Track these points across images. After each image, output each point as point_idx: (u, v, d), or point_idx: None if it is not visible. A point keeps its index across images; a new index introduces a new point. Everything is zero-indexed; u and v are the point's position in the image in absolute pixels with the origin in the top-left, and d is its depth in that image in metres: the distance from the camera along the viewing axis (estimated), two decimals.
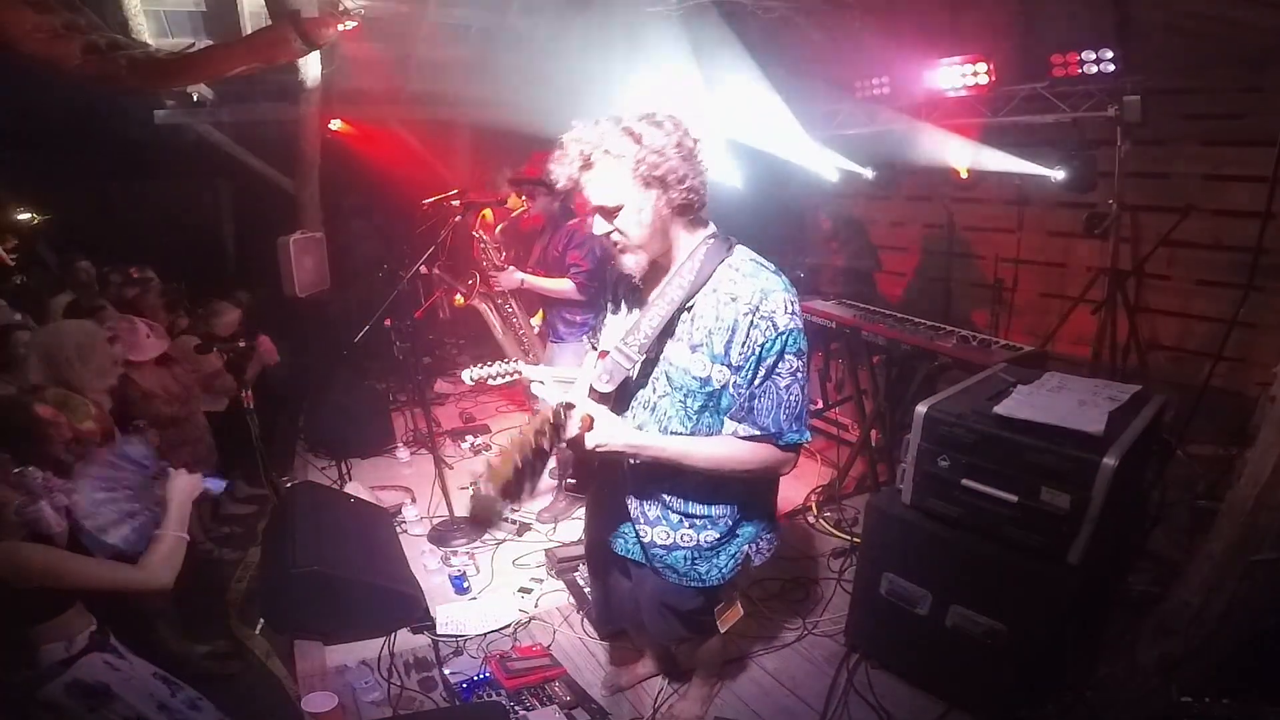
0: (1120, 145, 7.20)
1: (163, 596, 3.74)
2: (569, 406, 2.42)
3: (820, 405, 7.50)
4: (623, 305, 3.12)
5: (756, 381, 2.70)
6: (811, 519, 6.19)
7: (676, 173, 2.60)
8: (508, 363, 4.43)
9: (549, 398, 3.37)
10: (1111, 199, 7.40)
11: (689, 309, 2.76)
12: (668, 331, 2.78)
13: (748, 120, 10.19)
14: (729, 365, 2.71)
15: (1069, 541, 3.47)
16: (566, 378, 3.68)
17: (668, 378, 2.83)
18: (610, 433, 2.61)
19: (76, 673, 2.99)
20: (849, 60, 9.20)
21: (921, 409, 4.02)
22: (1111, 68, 6.94)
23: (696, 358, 2.74)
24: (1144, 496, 4.48)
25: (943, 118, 8.64)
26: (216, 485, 3.71)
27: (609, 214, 2.68)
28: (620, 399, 2.92)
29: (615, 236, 2.72)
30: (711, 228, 2.85)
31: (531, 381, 3.58)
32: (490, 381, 4.43)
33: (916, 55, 8.38)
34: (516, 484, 2.06)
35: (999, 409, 3.79)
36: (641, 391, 2.92)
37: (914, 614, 4.07)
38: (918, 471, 4.05)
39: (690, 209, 2.72)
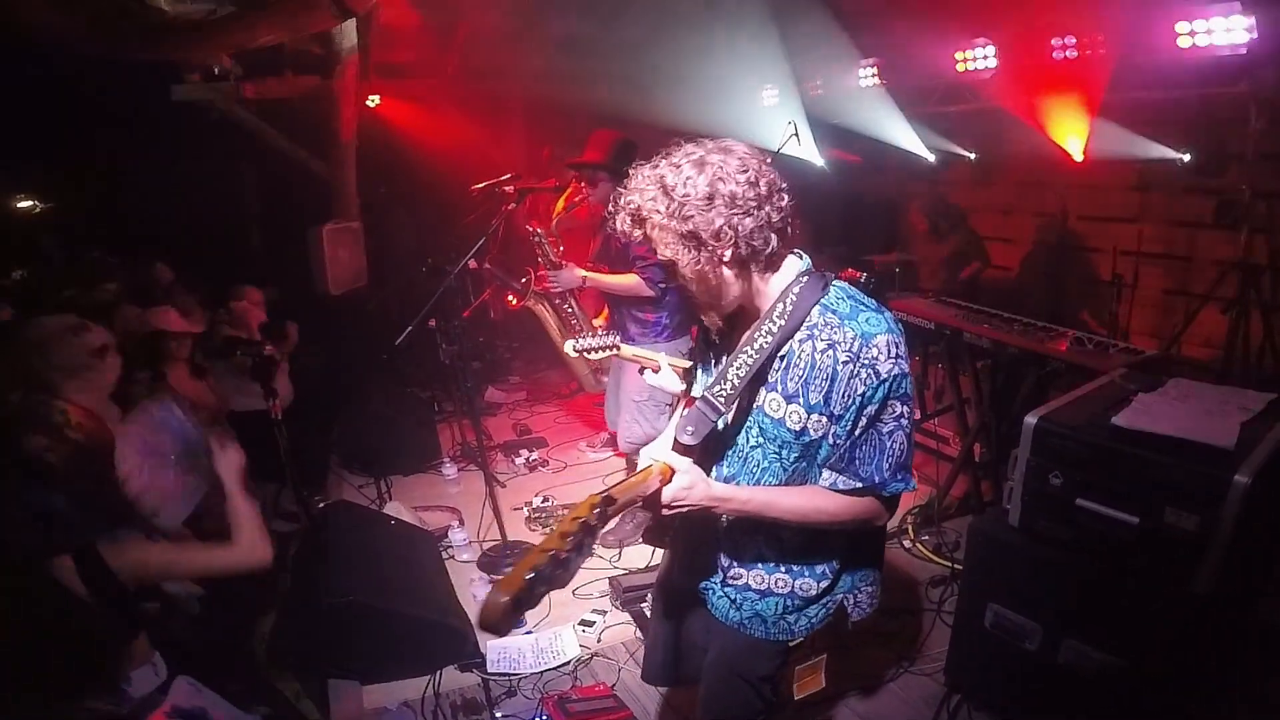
0: (1254, 124, 7.15)
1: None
2: (609, 501, 2.37)
3: (917, 416, 7.52)
4: (710, 349, 3.10)
5: (857, 432, 2.66)
6: (908, 543, 6.22)
7: (710, 226, 2.50)
8: (606, 334, 4.47)
9: (667, 385, 3.45)
10: (1244, 184, 7.34)
11: (782, 356, 2.70)
12: (759, 379, 2.73)
13: (836, 95, 10.22)
14: (829, 415, 2.66)
15: (1196, 568, 3.45)
16: (681, 364, 3.73)
17: (760, 429, 2.80)
18: (687, 484, 2.59)
19: (175, 699, 3.06)
20: (949, 29, 9.19)
21: (1031, 420, 4.03)
22: (1245, 36, 6.87)
23: (792, 409, 2.70)
24: None
25: (1054, 94, 8.60)
26: None
27: (670, 268, 2.68)
28: (709, 451, 2.89)
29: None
30: (805, 262, 2.76)
31: (644, 369, 3.65)
32: (589, 356, 4.46)
33: (1025, 23, 8.38)
34: (528, 595, 2.08)
35: (1117, 420, 3.79)
36: (734, 441, 2.89)
37: (1022, 649, 4.06)
38: (1026, 490, 4.06)
39: (749, 260, 2.62)
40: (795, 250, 2.74)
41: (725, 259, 2.56)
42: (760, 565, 3.01)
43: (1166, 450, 3.56)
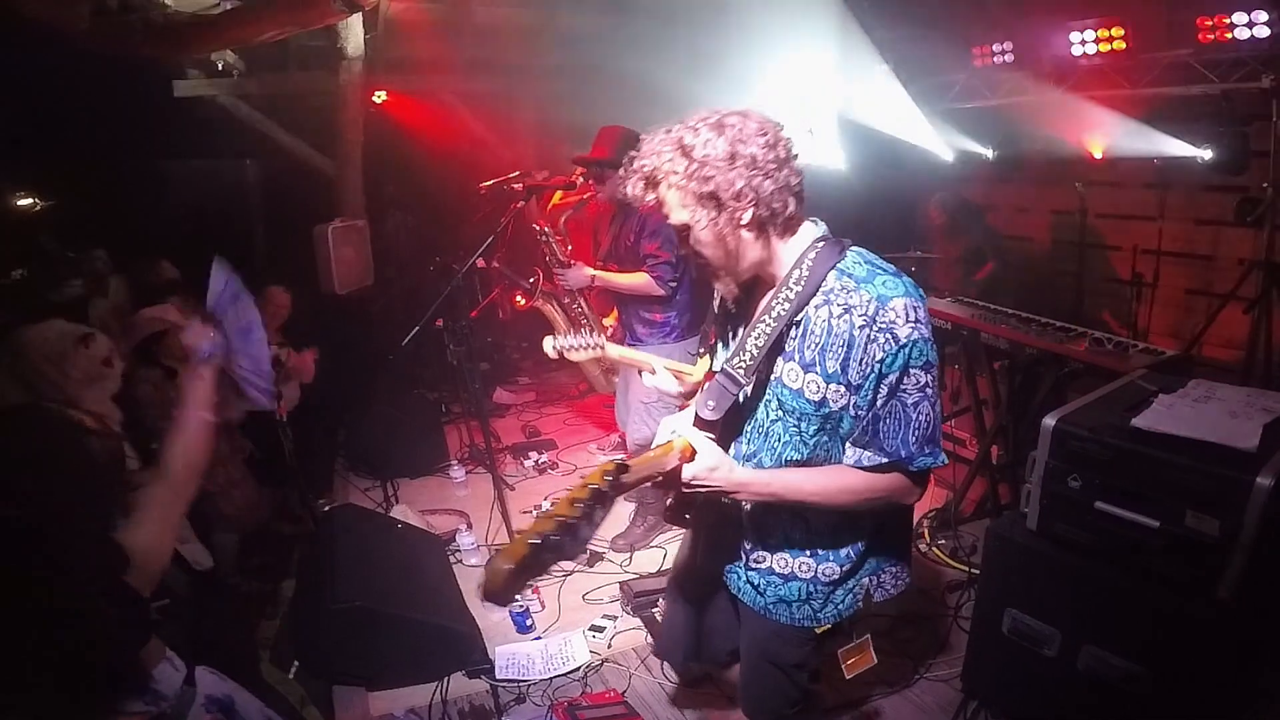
0: (1276, 120, 7.11)
1: None
2: (622, 469, 2.35)
3: None
4: (728, 323, 3.08)
5: (879, 402, 2.62)
6: (924, 547, 6.19)
7: (730, 187, 2.52)
8: (592, 334, 4.37)
9: (664, 386, 3.43)
10: (1267, 182, 7.31)
11: (798, 323, 2.67)
12: (777, 349, 2.71)
13: (852, 92, 10.20)
14: (846, 385, 2.63)
15: (1219, 573, 3.43)
16: (679, 367, 3.71)
17: (779, 400, 2.77)
18: (708, 465, 2.59)
19: (205, 689, 3.00)
20: (967, 24, 9.18)
21: (1049, 421, 4.02)
22: (1267, 31, 6.87)
23: (810, 379, 2.67)
24: None
25: (1073, 90, 8.60)
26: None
27: (682, 234, 2.70)
28: (731, 425, 2.88)
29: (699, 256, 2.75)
30: (821, 228, 2.77)
31: (641, 372, 3.63)
32: (570, 354, 4.36)
33: (1043, 17, 8.37)
34: (534, 562, 2.07)
35: (1137, 422, 3.77)
36: (754, 415, 2.88)
37: (1041, 656, 4.05)
38: (1045, 493, 4.05)
39: (768, 223, 2.63)
40: (812, 218, 2.74)
41: (744, 221, 2.58)
42: (786, 550, 3.01)
43: (1187, 452, 3.54)
